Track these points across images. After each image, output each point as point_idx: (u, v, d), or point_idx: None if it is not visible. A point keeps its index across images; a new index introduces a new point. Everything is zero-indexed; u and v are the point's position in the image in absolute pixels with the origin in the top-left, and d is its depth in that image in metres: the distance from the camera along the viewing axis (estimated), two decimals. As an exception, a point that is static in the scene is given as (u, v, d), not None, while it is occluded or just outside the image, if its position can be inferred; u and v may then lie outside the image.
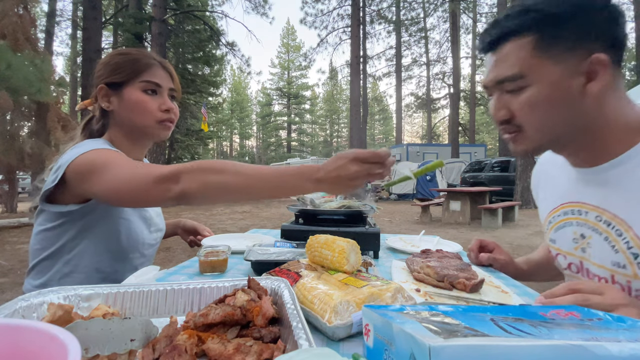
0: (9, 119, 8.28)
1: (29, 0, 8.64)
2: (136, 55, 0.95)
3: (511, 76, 0.65)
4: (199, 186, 0.67)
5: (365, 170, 0.64)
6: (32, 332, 0.28)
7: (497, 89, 0.69)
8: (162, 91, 0.96)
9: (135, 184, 0.71)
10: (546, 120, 0.65)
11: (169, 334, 0.46)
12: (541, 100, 0.64)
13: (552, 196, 0.83)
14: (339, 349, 0.51)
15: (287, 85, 46.17)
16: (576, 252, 0.75)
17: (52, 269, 0.88)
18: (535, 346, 0.27)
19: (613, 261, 0.67)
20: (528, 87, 0.64)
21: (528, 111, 0.65)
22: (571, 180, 0.76)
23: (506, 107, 0.68)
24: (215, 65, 16.63)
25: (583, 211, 0.72)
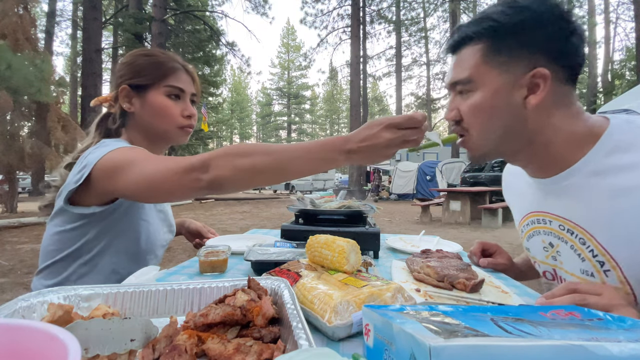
0: (9, 119, 8.28)
1: (29, 0, 8.64)
2: (161, 58, 0.94)
3: (462, 79, 0.68)
4: (230, 171, 0.66)
5: (401, 138, 0.62)
6: (32, 332, 0.28)
7: (452, 90, 0.72)
8: (185, 96, 0.96)
9: (165, 176, 0.70)
10: (488, 126, 0.67)
11: (169, 334, 0.46)
12: (484, 106, 0.66)
13: (519, 205, 0.84)
14: (339, 349, 0.51)
15: (287, 85, 46.21)
16: (548, 260, 0.77)
17: (68, 270, 0.87)
18: (535, 346, 0.27)
19: (582, 269, 0.68)
20: (475, 92, 0.67)
21: (472, 115, 0.68)
22: (533, 189, 0.77)
23: (457, 108, 0.70)
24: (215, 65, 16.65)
25: (547, 220, 0.74)
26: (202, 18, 15.10)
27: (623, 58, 21.26)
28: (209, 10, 16.99)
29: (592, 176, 0.64)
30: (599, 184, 0.63)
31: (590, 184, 0.64)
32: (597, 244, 0.64)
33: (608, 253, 0.63)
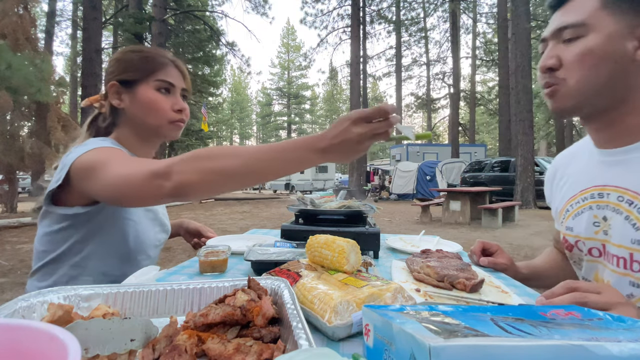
0: (9, 119, 8.28)
1: (29, 0, 8.64)
2: (150, 53, 0.94)
3: (574, 23, 0.67)
4: (196, 176, 0.62)
5: (371, 131, 0.61)
6: (32, 332, 0.28)
7: (555, 37, 0.71)
8: (175, 91, 0.95)
9: (129, 181, 0.67)
10: (592, 73, 0.66)
11: (169, 334, 0.46)
12: (595, 51, 0.65)
13: (570, 186, 0.84)
14: (339, 349, 0.51)
15: (287, 85, 46.21)
16: (597, 235, 0.76)
17: (58, 272, 0.86)
18: (535, 346, 0.27)
19: (633, 239, 0.67)
20: (586, 36, 0.66)
21: (578, 60, 0.66)
22: (593, 164, 0.78)
23: (557, 56, 0.70)
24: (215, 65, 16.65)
25: (604, 193, 0.74)
26: (202, 18, 15.10)
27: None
28: (209, 10, 16.99)
29: None
30: None
31: None
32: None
33: None
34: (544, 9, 21.07)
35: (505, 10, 15.20)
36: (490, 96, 26.88)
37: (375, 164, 25.98)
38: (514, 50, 10.95)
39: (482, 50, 25.79)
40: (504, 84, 15.81)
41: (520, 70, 10.23)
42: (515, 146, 10.32)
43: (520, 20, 10.17)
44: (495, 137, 29.67)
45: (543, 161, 10.64)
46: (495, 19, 18.51)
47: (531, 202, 9.60)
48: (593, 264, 0.78)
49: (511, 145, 11.73)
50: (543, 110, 25.23)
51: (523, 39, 10.21)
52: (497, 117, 20.30)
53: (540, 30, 17.61)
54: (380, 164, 25.31)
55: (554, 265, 0.99)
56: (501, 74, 16.53)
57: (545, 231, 5.96)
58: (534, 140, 11.13)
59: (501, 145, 16.61)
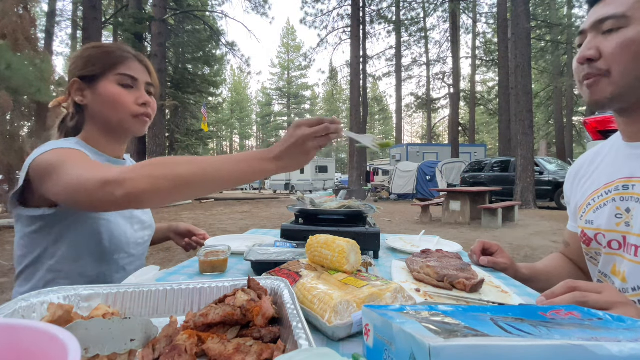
0: (9, 119, 8.28)
1: (29, 0, 8.64)
2: (110, 48, 0.93)
3: (615, 14, 0.68)
4: (147, 183, 0.62)
5: (313, 133, 0.67)
6: (32, 332, 0.28)
7: (594, 29, 0.71)
8: (139, 85, 0.93)
9: (81, 187, 0.65)
10: (634, 63, 0.67)
11: (169, 334, 0.46)
12: (636, 41, 0.66)
13: (595, 180, 0.85)
14: (339, 349, 0.51)
15: (287, 85, 46.22)
16: (618, 227, 0.76)
17: (36, 276, 0.85)
18: (535, 346, 0.27)
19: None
20: (627, 27, 0.67)
21: (621, 51, 0.67)
22: (620, 158, 0.79)
23: (597, 47, 0.70)
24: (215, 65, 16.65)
25: (630, 185, 0.75)
26: (202, 18, 15.10)
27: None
28: (209, 10, 16.99)
29: None
30: None
31: None
32: None
33: None
34: (544, 8, 21.09)
35: (505, 10, 15.20)
36: (490, 96, 26.87)
37: (375, 164, 25.99)
38: (514, 50, 10.95)
39: (482, 50, 25.78)
40: (504, 84, 15.81)
41: (520, 70, 10.23)
42: (515, 146, 10.32)
43: (520, 20, 10.17)
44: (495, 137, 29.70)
45: (543, 161, 10.64)
46: (495, 19, 18.50)
47: (531, 202, 9.60)
48: (611, 257, 0.78)
49: (511, 145, 11.74)
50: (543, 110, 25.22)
51: (523, 39, 10.21)
52: (497, 117, 20.30)
53: (540, 31, 17.62)
54: (380, 164, 25.32)
55: (557, 269, 0.99)
56: (501, 74, 16.53)
57: (545, 231, 5.96)
58: (534, 140, 11.14)
59: (501, 145, 16.61)
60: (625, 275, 0.74)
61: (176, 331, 0.46)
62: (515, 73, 10.52)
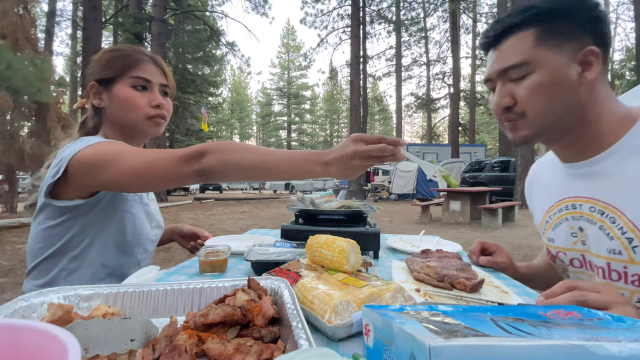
0: (9, 119, 8.28)
1: (29, 0, 8.64)
2: (126, 51, 0.95)
3: (517, 63, 0.70)
4: (219, 164, 0.71)
5: (367, 151, 0.66)
6: (32, 332, 0.28)
7: (501, 78, 0.74)
8: (153, 87, 0.95)
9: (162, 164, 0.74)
10: (547, 103, 0.69)
11: (169, 334, 0.46)
12: (544, 84, 0.68)
13: (547, 197, 0.86)
14: (339, 349, 0.51)
15: (287, 85, 46.23)
16: (576, 246, 0.78)
17: (57, 267, 0.87)
18: (535, 346, 0.27)
19: (609, 248, 0.70)
20: (532, 73, 0.69)
21: (532, 95, 0.70)
22: (563, 177, 0.81)
23: (510, 94, 0.72)
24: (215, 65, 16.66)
25: (577, 204, 0.76)
26: (202, 18, 15.09)
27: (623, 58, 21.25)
28: (209, 10, 16.98)
29: (628, 157, 0.68)
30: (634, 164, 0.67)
31: (626, 165, 0.68)
32: (627, 220, 0.67)
33: (638, 228, 0.65)
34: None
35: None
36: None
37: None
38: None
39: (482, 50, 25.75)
40: (504, 84, 15.78)
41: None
42: (515, 146, 10.32)
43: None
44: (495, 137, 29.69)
45: (543, 161, 10.63)
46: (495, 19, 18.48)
47: (531, 202, 9.60)
48: (577, 275, 0.80)
49: (511, 145, 11.72)
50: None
51: (523, 39, 10.19)
52: (497, 117, 20.25)
53: (540, 30, 17.54)
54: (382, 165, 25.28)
55: (550, 266, 1.00)
56: (501, 74, 16.49)
57: (545, 231, 5.96)
58: (534, 140, 11.12)
59: (501, 145, 16.60)
60: None
61: (176, 331, 0.46)
62: (515, 73, 10.51)
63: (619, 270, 0.68)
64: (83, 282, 0.85)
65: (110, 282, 0.89)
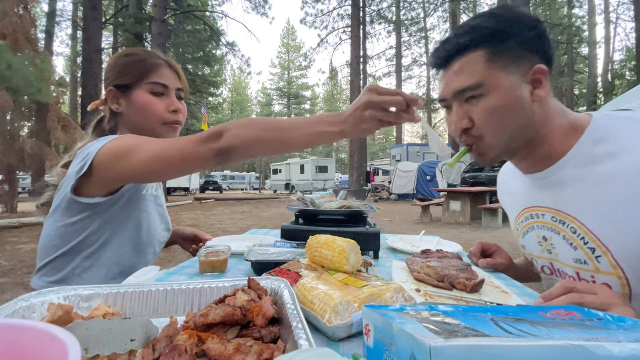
0: (9, 119, 8.28)
1: (29, 0, 8.64)
2: (142, 56, 0.96)
3: (472, 85, 0.70)
4: (240, 141, 0.71)
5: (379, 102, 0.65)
6: (32, 332, 0.28)
7: (456, 99, 0.73)
8: (170, 92, 0.97)
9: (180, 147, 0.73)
10: (503, 126, 0.70)
11: (169, 334, 0.46)
12: (499, 107, 0.69)
13: (514, 204, 0.88)
14: (339, 349, 0.51)
15: (287, 85, 46.23)
16: (543, 254, 0.79)
17: (72, 264, 0.86)
18: (535, 346, 0.27)
19: (575, 258, 0.71)
20: (486, 95, 0.69)
21: (488, 117, 0.70)
22: (526, 186, 0.82)
23: (467, 115, 0.72)
24: (215, 65, 16.66)
25: (540, 214, 0.77)
26: (202, 18, 15.09)
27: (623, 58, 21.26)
28: (209, 10, 16.98)
29: (581, 166, 0.69)
30: (587, 173, 0.67)
31: (579, 174, 0.69)
32: (587, 231, 0.67)
33: (598, 239, 0.66)
34: (544, 8, 21.09)
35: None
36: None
37: (375, 164, 25.98)
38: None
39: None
40: (504, 84, 15.78)
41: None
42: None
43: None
44: (495, 137, 29.57)
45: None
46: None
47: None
48: (550, 281, 0.81)
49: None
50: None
51: (523, 39, 10.18)
52: (497, 117, 20.24)
53: (540, 30, 17.52)
54: (381, 164, 25.31)
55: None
56: (501, 74, 16.50)
57: (545, 231, 5.95)
58: (534, 140, 11.10)
59: (501, 145, 16.58)
60: None
61: (176, 331, 0.46)
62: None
63: (588, 279, 0.70)
64: (96, 280, 0.86)
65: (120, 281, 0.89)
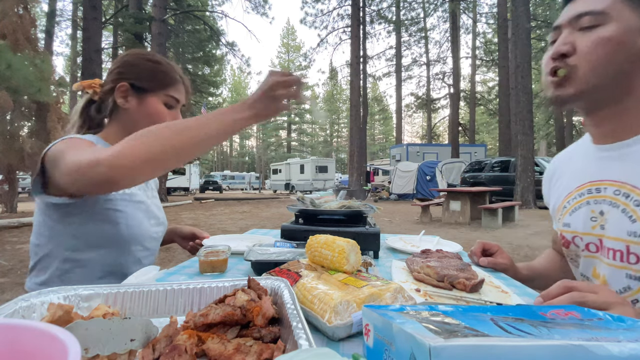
0: (9, 119, 8.28)
1: (29, 0, 8.63)
2: (165, 68, 0.98)
3: (595, 10, 0.68)
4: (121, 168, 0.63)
5: (283, 81, 0.76)
6: (32, 332, 0.28)
7: (570, 25, 0.71)
8: (178, 107, 1.01)
9: (76, 168, 0.67)
10: (607, 61, 0.68)
11: (169, 334, 0.46)
12: (613, 39, 0.66)
13: (569, 182, 0.85)
14: (339, 349, 0.51)
15: (287, 85, 46.12)
16: (594, 230, 0.77)
17: (52, 266, 0.87)
18: (535, 346, 0.27)
19: (629, 231, 0.69)
20: (604, 25, 0.67)
21: (595, 47, 0.67)
22: (590, 161, 0.80)
23: (571, 42, 0.70)
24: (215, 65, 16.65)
25: (602, 188, 0.75)
26: (202, 18, 15.09)
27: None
28: (209, 10, 16.98)
29: None
30: None
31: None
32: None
33: None
34: (544, 8, 21.07)
35: (505, 10, 15.20)
36: (490, 96, 26.87)
37: (375, 164, 25.98)
38: (514, 50, 10.95)
39: (482, 50, 25.79)
40: (504, 84, 15.81)
41: (520, 70, 10.23)
42: (515, 146, 10.32)
43: (520, 20, 10.17)
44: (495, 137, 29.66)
45: (543, 161, 10.64)
46: (495, 19, 18.50)
47: (531, 202, 9.60)
48: (590, 260, 0.79)
49: (511, 145, 11.73)
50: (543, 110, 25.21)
51: (523, 39, 10.20)
52: (497, 117, 20.30)
53: (540, 31, 17.61)
54: (380, 164, 25.32)
55: (552, 266, 1.00)
56: (501, 74, 16.53)
57: (545, 231, 5.96)
58: (534, 140, 11.13)
59: (501, 145, 16.61)
60: (605, 278, 0.74)
61: (176, 331, 0.46)
62: (516, 73, 10.52)
63: (638, 253, 0.68)
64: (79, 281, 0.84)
65: (110, 281, 0.89)
